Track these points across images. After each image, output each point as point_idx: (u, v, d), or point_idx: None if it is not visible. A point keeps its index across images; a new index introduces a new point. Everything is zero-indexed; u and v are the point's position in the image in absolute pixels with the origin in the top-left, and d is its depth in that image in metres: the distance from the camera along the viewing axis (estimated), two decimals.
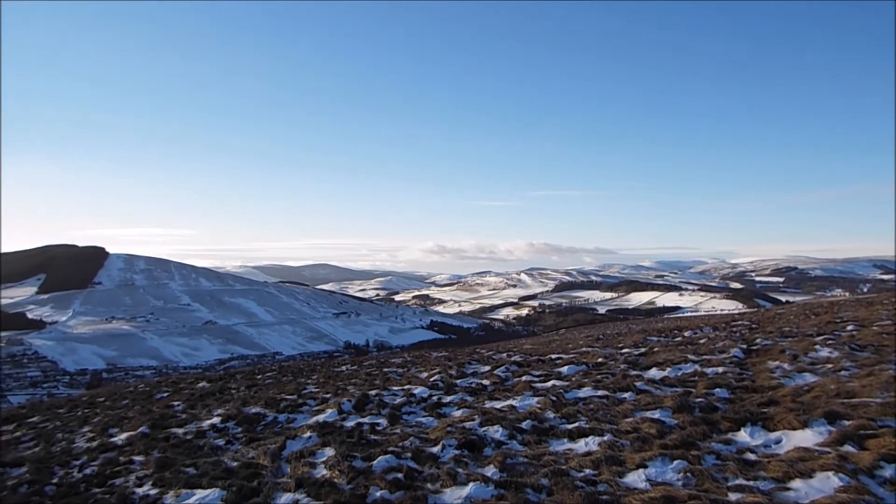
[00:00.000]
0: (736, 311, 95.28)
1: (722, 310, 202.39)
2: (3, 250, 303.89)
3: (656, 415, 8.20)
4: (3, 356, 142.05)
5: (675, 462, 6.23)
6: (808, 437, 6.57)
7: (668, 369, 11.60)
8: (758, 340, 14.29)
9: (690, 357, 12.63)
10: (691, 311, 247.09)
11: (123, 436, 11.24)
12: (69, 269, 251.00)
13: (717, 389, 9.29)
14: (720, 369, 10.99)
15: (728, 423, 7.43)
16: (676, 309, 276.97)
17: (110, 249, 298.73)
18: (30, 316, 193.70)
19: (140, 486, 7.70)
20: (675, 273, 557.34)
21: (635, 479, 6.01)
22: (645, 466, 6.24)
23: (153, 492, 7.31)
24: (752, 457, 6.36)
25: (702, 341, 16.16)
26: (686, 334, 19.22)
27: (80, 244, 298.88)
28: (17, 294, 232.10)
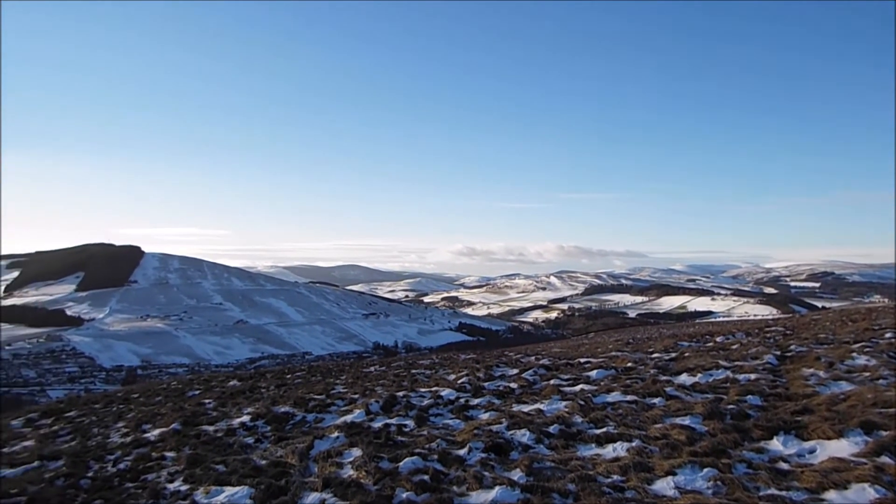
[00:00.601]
0: (770, 317, 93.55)
1: (755, 315, 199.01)
2: (44, 248, 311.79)
3: (686, 421, 8.09)
4: (44, 352, 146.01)
5: (705, 470, 6.14)
6: (843, 448, 6.42)
7: (699, 375, 11.43)
8: (792, 347, 14.00)
9: (722, 363, 12.42)
10: (723, 316, 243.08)
11: (156, 432, 11.45)
12: (106, 267, 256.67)
13: (750, 396, 9.12)
14: (753, 376, 10.80)
15: (760, 432, 7.29)
16: (708, 314, 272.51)
17: (146, 248, 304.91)
18: (69, 313, 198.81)
19: (171, 481, 7.84)
20: (707, 277, 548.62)
21: (664, 486, 5.94)
22: (674, 474, 6.17)
23: (184, 488, 7.43)
24: (784, 466, 6.24)
25: (734, 347, 15.89)
26: (718, 339, 18.90)
27: (117, 243, 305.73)
28: (57, 291, 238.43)
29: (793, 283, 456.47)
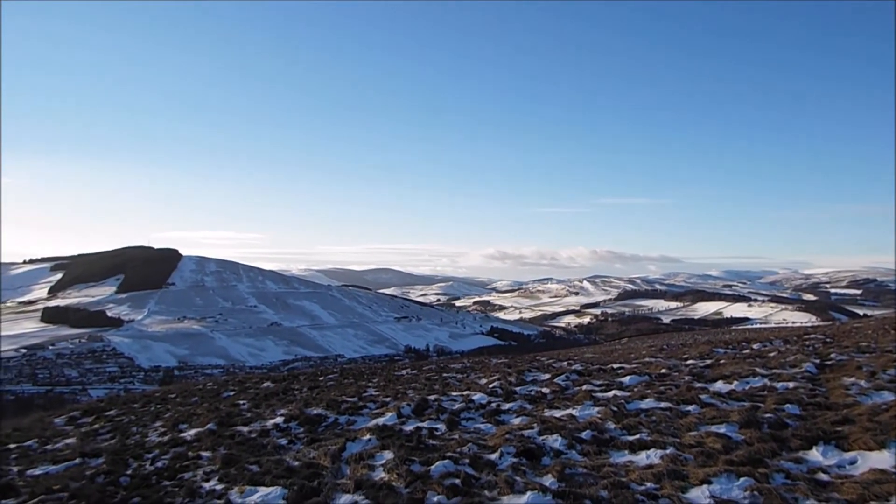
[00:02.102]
0: (809, 324, 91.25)
1: (793, 322, 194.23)
2: (86, 251, 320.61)
3: (722, 429, 7.96)
4: (85, 352, 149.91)
5: (742, 479, 6.03)
6: (885, 459, 6.25)
7: (735, 382, 11.22)
8: (832, 355, 13.66)
9: (759, 370, 12.18)
10: (760, 323, 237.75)
11: (192, 432, 11.66)
12: (145, 270, 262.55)
13: (788, 405, 8.92)
14: (791, 384, 10.57)
15: (799, 441, 7.14)
16: (745, 320, 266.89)
17: (183, 252, 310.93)
18: (109, 314, 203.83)
19: (207, 480, 7.97)
20: (744, 283, 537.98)
21: (698, 494, 5.85)
22: (709, 482, 6.06)
23: (219, 487, 7.55)
24: (824, 477, 6.09)
25: (771, 354, 15.56)
26: (755, 347, 18.54)
27: (156, 246, 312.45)
28: (98, 293, 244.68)
29: (833, 290, 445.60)
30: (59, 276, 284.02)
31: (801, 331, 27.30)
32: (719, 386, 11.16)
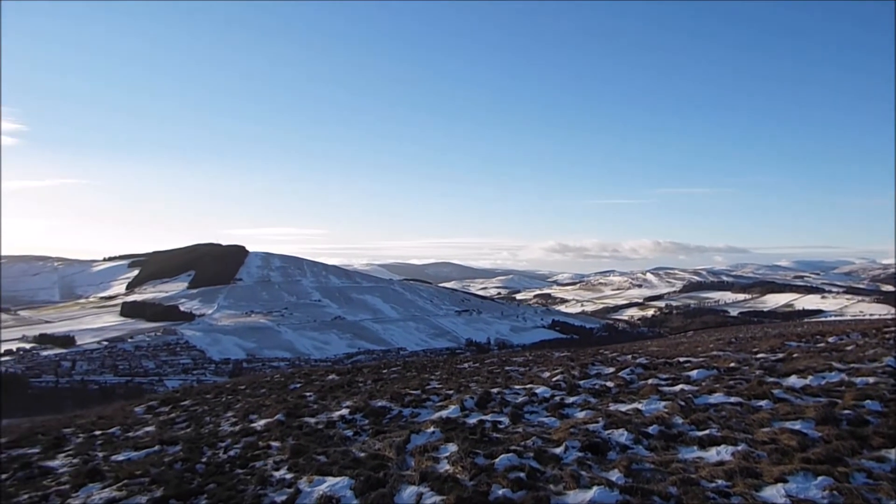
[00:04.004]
0: (888, 316, 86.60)
1: (871, 314, 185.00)
2: (160, 248, 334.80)
3: (797, 426, 7.66)
4: (161, 344, 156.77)
5: (820, 478, 5.78)
6: None
7: (810, 377, 10.76)
8: None
9: (836, 365, 11.64)
10: (835, 316, 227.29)
11: (262, 422, 12.02)
12: (214, 266, 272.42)
13: (868, 401, 8.50)
14: (871, 379, 10.06)
15: (881, 439, 6.81)
16: (818, 312, 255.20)
17: (250, 248, 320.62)
18: (182, 308, 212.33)
19: (277, 469, 8.20)
20: (817, 274, 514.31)
21: (773, 493, 5.65)
22: (784, 481, 5.84)
23: (289, 476, 7.76)
24: None
25: (849, 348, 14.87)
26: (830, 340, 17.74)
27: (224, 243, 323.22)
28: (171, 289, 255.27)
29: None
30: (136, 272, 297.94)
31: (881, 323, 25.93)
32: (793, 381, 10.72)
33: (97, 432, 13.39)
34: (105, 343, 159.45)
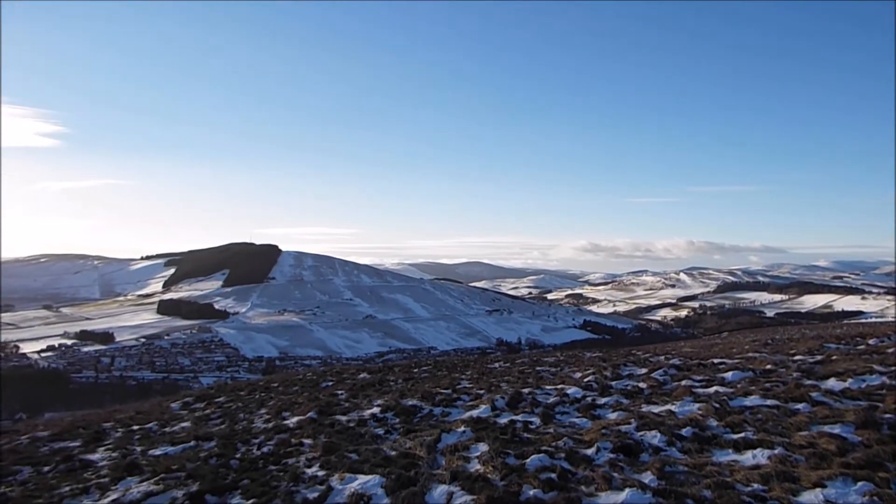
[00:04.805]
0: None
1: None
2: (194, 248, 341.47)
3: (836, 429, 7.48)
4: (196, 342, 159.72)
5: (859, 484, 5.64)
6: None
7: (850, 380, 10.49)
8: None
9: (877, 368, 11.32)
10: (876, 317, 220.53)
11: (294, 419, 12.16)
12: (248, 265, 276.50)
13: None
14: None
15: None
16: (858, 314, 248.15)
17: (283, 247, 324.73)
18: (216, 306, 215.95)
19: (309, 466, 8.29)
20: (857, 274, 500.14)
21: (811, 498, 5.53)
22: (823, 486, 5.71)
23: (321, 473, 7.84)
24: None
25: (890, 350, 14.44)
26: (871, 342, 17.27)
27: (257, 242, 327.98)
28: (206, 287, 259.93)
29: None
30: (172, 270, 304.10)
31: None
32: (832, 383, 10.47)
33: (135, 427, 13.71)
34: (142, 340, 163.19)
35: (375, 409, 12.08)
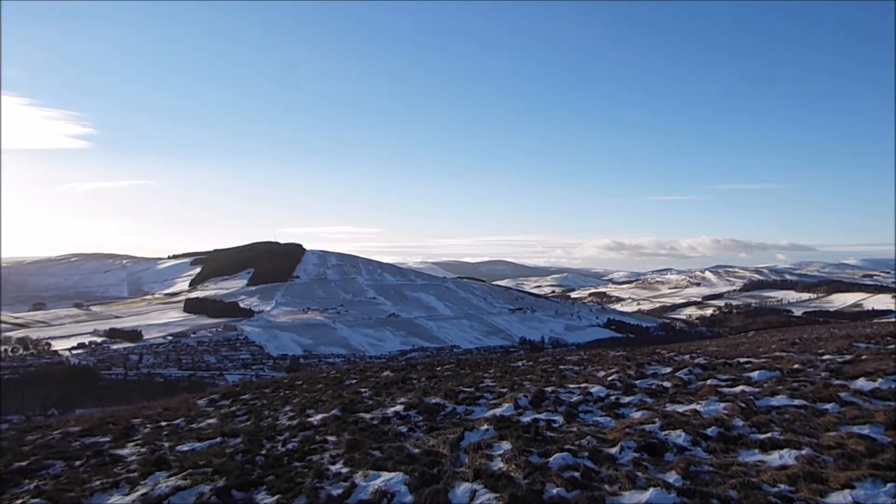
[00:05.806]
0: None
1: None
2: (220, 247, 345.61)
3: (865, 430, 7.35)
4: (221, 340, 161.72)
5: (889, 485, 5.54)
6: None
7: (880, 380, 10.29)
8: None
9: None
10: None
11: (318, 417, 12.25)
12: (272, 264, 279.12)
13: None
14: None
15: None
16: (888, 313, 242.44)
17: (307, 246, 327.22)
18: (241, 305, 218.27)
19: (333, 463, 8.35)
20: (888, 272, 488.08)
21: (839, 500, 5.44)
22: (851, 487, 5.61)
23: (344, 470, 7.89)
24: None
25: None
26: None
27: (281, 241, 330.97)
28: (231, 286, 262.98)
29: None
30: (198, 269, 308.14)
31: None
32: (861, 383, 10.29)
33: (163, 423, 13.94)
34: (170, 338, 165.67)
35: (399, 407, 12.12)
